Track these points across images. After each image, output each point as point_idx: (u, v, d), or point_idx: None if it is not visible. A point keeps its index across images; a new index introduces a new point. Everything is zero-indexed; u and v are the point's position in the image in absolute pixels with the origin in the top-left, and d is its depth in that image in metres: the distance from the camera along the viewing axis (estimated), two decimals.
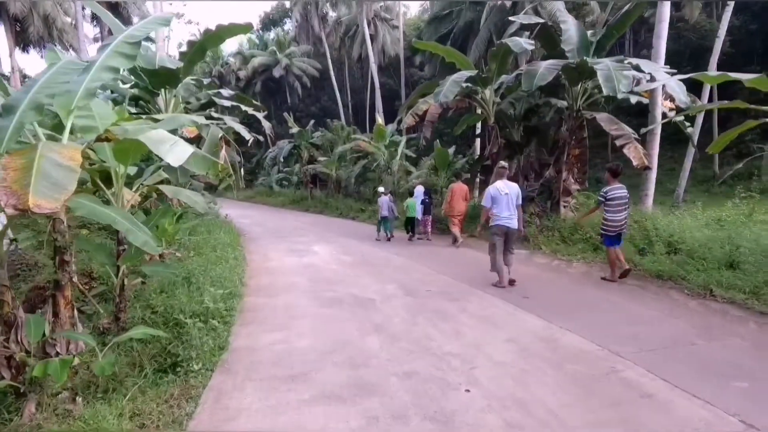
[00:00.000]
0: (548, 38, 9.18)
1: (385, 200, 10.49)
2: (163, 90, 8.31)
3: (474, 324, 4.46)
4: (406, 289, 5.84)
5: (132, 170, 4.76)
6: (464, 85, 8.90)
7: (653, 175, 8.91)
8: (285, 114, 23.85)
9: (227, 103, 8.68)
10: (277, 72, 38.00)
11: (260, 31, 42.80)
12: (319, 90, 42.27)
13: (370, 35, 31.75)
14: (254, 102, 9.77)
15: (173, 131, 3.79)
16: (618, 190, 5.73)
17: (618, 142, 7.63)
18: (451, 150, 14.52)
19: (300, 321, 4.65)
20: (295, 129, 22.07)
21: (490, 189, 5.80)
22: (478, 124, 13.66)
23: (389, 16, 35.20)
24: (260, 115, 9.14)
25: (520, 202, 5.78)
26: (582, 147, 9.13)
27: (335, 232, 12.56)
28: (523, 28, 11.18)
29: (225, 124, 8.81)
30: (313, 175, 22.84)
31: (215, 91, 9.29)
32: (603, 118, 8.15)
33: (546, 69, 7.45)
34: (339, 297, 5.50)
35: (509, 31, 13.59)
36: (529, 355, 3.66)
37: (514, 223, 5.66)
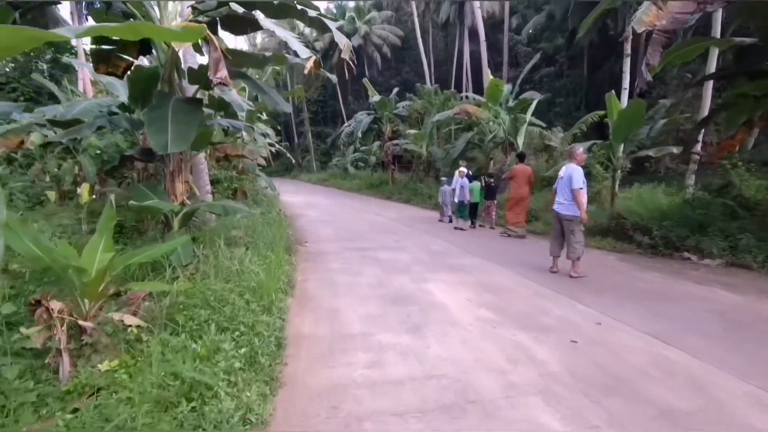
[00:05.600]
0: None
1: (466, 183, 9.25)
2: None
3: None
4: None
5: None
6: None
7: None
8: (364, 80, 19.66)
9: None
10: (355, 41, 34.16)
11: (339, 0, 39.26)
12: (400, 62, 37.78)
13: None
14: (320, 11, 5.47)
15: None
16: None
17: None
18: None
19: None
20: (376, 97, 17.82)
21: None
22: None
23: None
24: (333, 25, 4.82)
25: (574, 186, 5.18)
26: None
27: (445, 239, 7.98)
28: None
29: (261, 28, 4.69)
30: (394, 155, 18.58)
31: None
32: None
33: None
34: None
35: None
36: None
37: (563, 210, 5.33)
